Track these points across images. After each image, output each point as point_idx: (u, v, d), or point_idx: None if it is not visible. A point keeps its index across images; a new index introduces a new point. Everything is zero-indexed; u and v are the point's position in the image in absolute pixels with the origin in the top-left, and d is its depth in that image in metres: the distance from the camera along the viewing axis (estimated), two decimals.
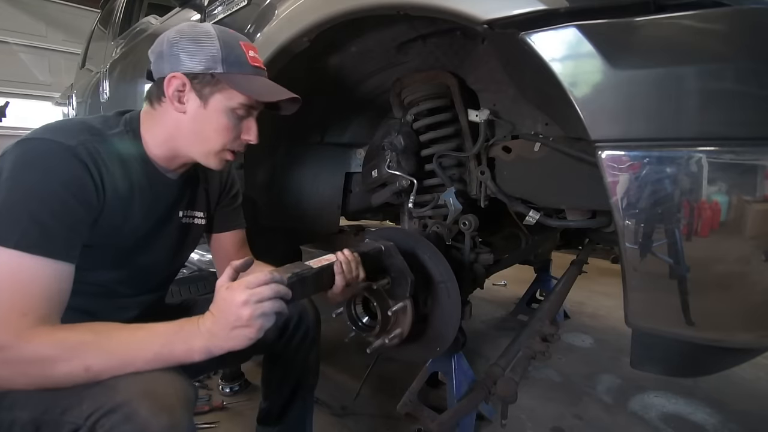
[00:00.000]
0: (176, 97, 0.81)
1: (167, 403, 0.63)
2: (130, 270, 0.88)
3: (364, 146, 1.71)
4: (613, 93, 0.63)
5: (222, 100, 0.82)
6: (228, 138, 0.85)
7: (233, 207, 1.12)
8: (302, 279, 0.78)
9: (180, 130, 0.84)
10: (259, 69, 0.86)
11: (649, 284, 0.69)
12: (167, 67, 0.81)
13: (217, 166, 0.88)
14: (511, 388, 1.03)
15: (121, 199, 0.80)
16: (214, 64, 0.80)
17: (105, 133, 0.80)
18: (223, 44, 0.80)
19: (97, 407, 0.62)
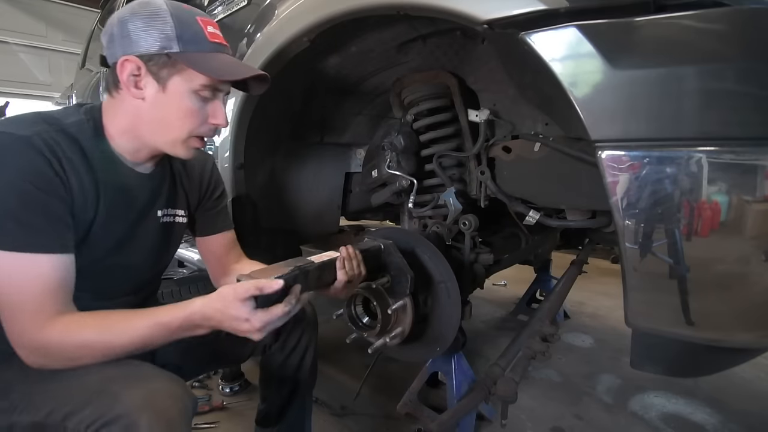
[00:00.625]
0: (132, 83, 0.75)
1: (167, 416, 0.63)
2: (108, 271, 0.84)
3: (364, 146, 1.71)
4: (613, 93, 0.63)
5: (182, 83, 0.76)
6: (194, 123, 0.79)
7: (218, 209, 1.07)
8: (304, 273, 0.78)
9: (141, 119, 0.78)
10: (220, 45, 0.80)
11: (649, 284, 0.69)
12: (119, 51, 0.74)
13: (185, 154, 0.83)
14: (511, 388, 1.03)
15: (87, 193, 0.75)
16: (169, 43, 0.73)
17: (62, 122, 0.75)
18: (178, 21, 0.74)
19: (98, 416, 0.63)
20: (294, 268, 0.76)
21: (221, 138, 1.43)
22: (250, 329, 0.69)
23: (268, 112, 1.35)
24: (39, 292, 0.67)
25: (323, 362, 1.78)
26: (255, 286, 0.68)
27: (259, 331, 0.69)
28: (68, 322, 0.68)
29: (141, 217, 0.87)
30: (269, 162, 1.48)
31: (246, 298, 0.68)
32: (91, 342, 0.68)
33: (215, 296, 0.70)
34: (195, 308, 0.70)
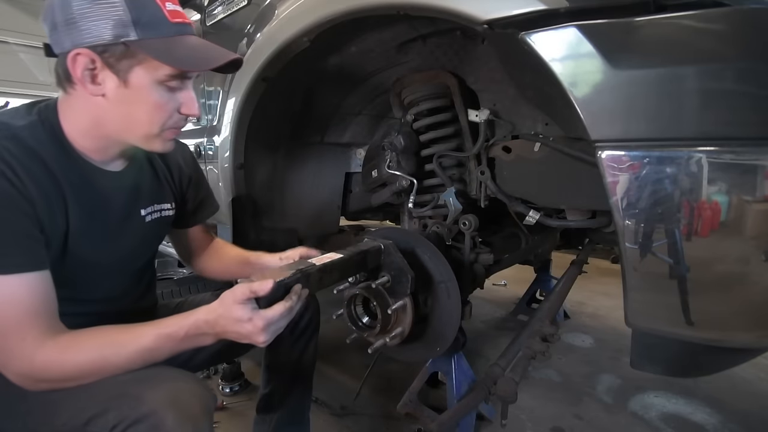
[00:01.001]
0: (88, 78, 0.67)
1: (191, 412, 0.64)
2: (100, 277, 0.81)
3: (364, 146, 1.71)
4: (613, 93, 0.63)
5: (145, 74, 0.68)
6: (164, 116, 0.73)
7: (201, 198, 1.05)
8: (306, 276, 0.78)
9: (104, 116, 0.71)
10: (183, 25, 0.71)
11: (649, 284, 0.69)
12: (67, 40, 0.65)
13: (161, 148, 0.76)
14: (511, 388, 1.03)
15: (52, 202, 0.69)
16: (125, 30, 0.64)
17: (12, 126, 0.68)
18: (130, 2, 0.65)
19: (122, 417, 0.62)
20: (296, 271, 0.77)
21: (221, 138, 1.43)
22: (253, 330, 0.68)
23: (268, 112, 1.35)
24: (20, 315, 0.63)
25: (323, 362, 1.79)
26: (249, 288, 0.68)
27: (263, 332, 0.69)
28: (63, 343, 0.66)
29: (122, 218, 0.82)
30: (269, 162, 1.48)
31: (245, 300, 0.68)
32: (92, 361, 0.66)
33: (216, 303, 0.70)
34: (199, 316, 0.70)
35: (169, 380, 0.67)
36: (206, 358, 0.99)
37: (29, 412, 0.69)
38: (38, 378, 0.66)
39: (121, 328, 0.70)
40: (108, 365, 0.67)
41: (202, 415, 0.66)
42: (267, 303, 0.70)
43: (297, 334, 1.10)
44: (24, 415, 0.69)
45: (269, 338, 0.71)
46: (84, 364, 0.66)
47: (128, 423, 0.62)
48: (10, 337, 0.63)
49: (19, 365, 0.65)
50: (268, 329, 0.69)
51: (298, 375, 1.14)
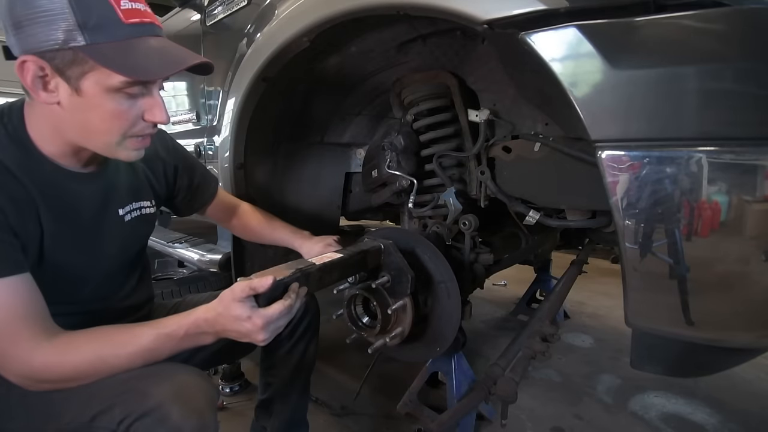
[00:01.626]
0: (39, 86, 0.63)
1: (196, 405, 0.65)
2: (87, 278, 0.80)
3: (364, 146, 1.71)
4: (613, 93, 0.63)
5: (97, 83, 0.63)
6: (124, 125, 0.68)
7: (196, 184, 1.04)
8: (306, 275, 0.78)
9: (62, 124, 0.67)
10: (140, 26, 0.64)
11: (649, 284, 0.69)
12: (17, 47, 0.61)
13: (126, 157, 0.72)
14: (511, 388, 1.03)
15: (21, 207, 0.67)
16: (71, 35, 0.59)
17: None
18: (77, 2, 0.59)
19: (129, 412, 0.63)
20: (295, 270, 0.77)
21: (221, 138, 1.43)
22: (252, 328, 0.68)
23: (268, 112, 1.35)
24: (7, 320, 0.63)
25: (323, 362, 1.79)
26: (249, 285, 0.68)
27: (263, 330, 0.69)
28: (61, 344, 0.66)
29: (98, 219, 0.80)
30: (269, 162, 1.48)
31: (244, 298, 0.68)
32: (91, 361, 0.66)
33: (215, 301, 0.70)
34: (198, 315, 0.70)
35: (172, 375, 0.68)
36: (205, 358, 0.99)
37: (31, 411, 0.69)
38: (38, 379, 0.66)
39: (120, 328, 0.70)
40: (107, 366, 0.67)
41: (207, 407, 0.67)
42: (266, 301, 0.70)
43: (296, 337, 1.10)
44: (26, 415, 0.70)
45: (269, 337, 0.71)
46: (83, 365, 0.66)
47: (134, 417, 0.63)
48: (2, 340, 0.63)
49: (18, 368, 0.65)
50: (267, 328, 0.69)
51: (296, 378, 1.14)
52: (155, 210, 0.94)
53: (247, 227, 1.19)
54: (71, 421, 0.67)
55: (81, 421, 0.66)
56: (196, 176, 1.06)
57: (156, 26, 0.68)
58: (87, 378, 0.67)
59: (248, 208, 1.21)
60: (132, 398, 0.64)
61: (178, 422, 0.62)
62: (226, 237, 1.56)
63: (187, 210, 1.09)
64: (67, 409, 0.67)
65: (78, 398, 0.67)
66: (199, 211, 1.12)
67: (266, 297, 0.70)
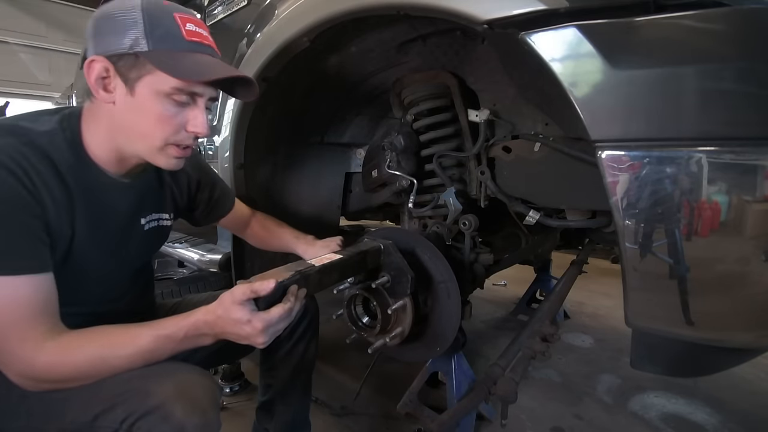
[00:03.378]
0: (100, 85, 0.70)
1: (199, 403, 0.65)
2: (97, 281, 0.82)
3: (364, 146, 1.71)
4: (613, 93, 0.63)
5: (151, 85, 0.69)
6: (167, 130, 0.73)
7: (215, 197, 1.09)
8: (305, 277, 0.78)
9: (115, 125, 0.73)
10: (199, 44, 0.72)
11: (649, 284, 0.69)
12: (90, 50, 0.70)
13: (165, 164, 0.77)
14: (511, 388, 1.03)
15: (63, 208, 0.71)
16: (138, 42, 0.67)
17: (32, 131, 0.70)
18: (149, 16, 0.68)
19: (132, 411, 0.64)
20: (295, 272, 0.77)
21: (221, 138, 1.43)
22: (252, 331, 0.68)
23: (268, 112, 1.35)
24: (21, 317, 0.64)
25: (323, 362, 1.79)
26: (250, 288, 0.68)
27: (262, 333, 0.69)
28: (63, 344, 0.66)
29: (125, 226, 0.84)
30: (269, 162, 1.48)
31: (244, 301, 0.68)
32: (91, 361, 0.66)
33: (215, 303, 0.70)
34: (198, 316, 0.70)
35: (174, 373, 0.68)
36: (205, 358, 1.00)
37: (32, 411, 0.69)
38: (39, 378, 0.66)
39: (121, 329, 0.70)
40: (107, 366, 0.67)
41: (209, 405, 0.67)
42: (266, 304, 0.70)
43: (296, 337, 1.10)
44: (27, 415, 0.70)
45: (268, 340, 0.71)
46: (84, 365, 0.66)
47: (137, 416, 0.63)
48: (11, 337, 0.64)
49: (20, 366, 0.65)
50: (267, 331, 0.70)
51: (297, 379, 1.14)
52: (172, 223, 0.98)
53: (256, 236, 1.22)
54: (73, 421, 0.67)
55: (83, 420, 0.66)
56: (216, 191, 1.10)
57: (213, 49, 0.75)
58: (87, 378, 0.67)
59: (260, 217, 1.23)
60: (134, 397, 0.64)
61: (181, 420, 0.62)
62: (226, 237, 1.56)
63: (204, 221, 1.12)
64: (69, 409, 0.67)
65: (79, 398, 0.67)
66: (213, 222, 1.16)
67: (266, 300, 0.70)
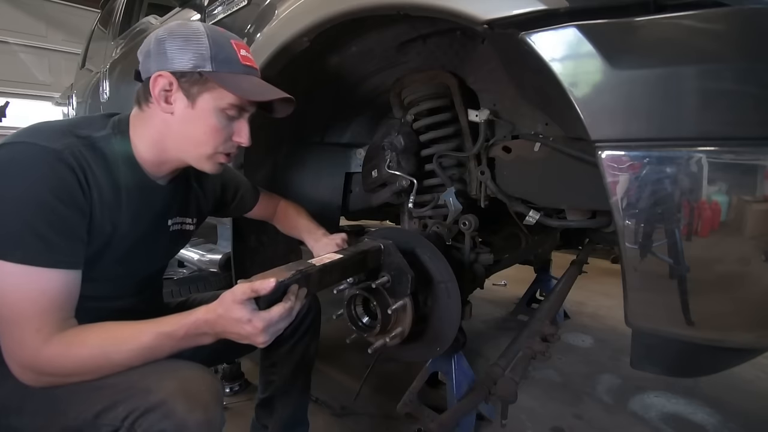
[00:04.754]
0: (163, 97, 0.78)
1: (201, 399, 0.66)
2: (116, 279, 0.85)
3: (364, 146, 1.71)
4: (613, 93, 0.63)
5: (210, 100, 0.79)
6: (218, 140, 0.82)
7: (240, 194, 1.16)
8: (306, 276, 0.78)
9: (168, 132, 0.81)
10: (251, 68, 0.83)
11: (649, 284, 0.69)
12: (154, 66, 0.77)
13: (211, 169, 0.85)
14: (511, 388, 1.03)
15: (108, 206, 0.77)
16: (203, 63, 0.76)
17: (92, 136, 0.76)
18: (213, 42, 0.77)
19: (133, 408, 0.64)
20: (296, 272, 0.77)
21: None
22: (253, 331, 0.68)
23: None
24: (44, 308, 0.66)
25: (323, 362, 1.79)
26: (250, 287, 0.68)
27: (263, 333, 0.69)
28: (68, 337, 0.67)
29: (152, 226, 0.88)
30: (269, 162, 1.48)
31: (244, 300, 0.68)
32: (93, 357, 0.67)
33: (216, 302, 0.70)
34: (198, 315, 0.71)
35: (175, 370, 0.69)
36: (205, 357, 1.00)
37: (36, 409, 0.70)
38: (41, 371, 0.67)
39: (123, 325, 0.71)
40: (108, 362, 0.68)
41: (211, 401, 0.68)
42: (266, 303, 0.70)
43: (298, 335, 1.10)
44: (31, 412, 0.70)
45: (269, 339, 0.71)
46: (86, 360, 0.67)
47: (139, 413, 0.64)
48: (27, 326, 0.65)
49: (25, 356, 0.66)
50: (267, 330, 0.70)
51: (298, 376, 1.14)
52: (194, 228, 1.03)
53: (279, 223, 1.30)
54: (75, 418, 0.67)
55: (85, 418, 0.67)
56: (241, 189, 1.18)
57: (259, 73, 0.86)
58: (87, 373, 0.68)
59: (283, 206, 1.30)
60: (136, 394, 0.65)
61: (184, 416, 0.63)
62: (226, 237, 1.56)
63: (231, 215, 1.22)
64: (71, 407, 0.68)
65: (82, 395, 0.67)
66: (243, 214, 1.24)
67: (267, 299, 0.70)
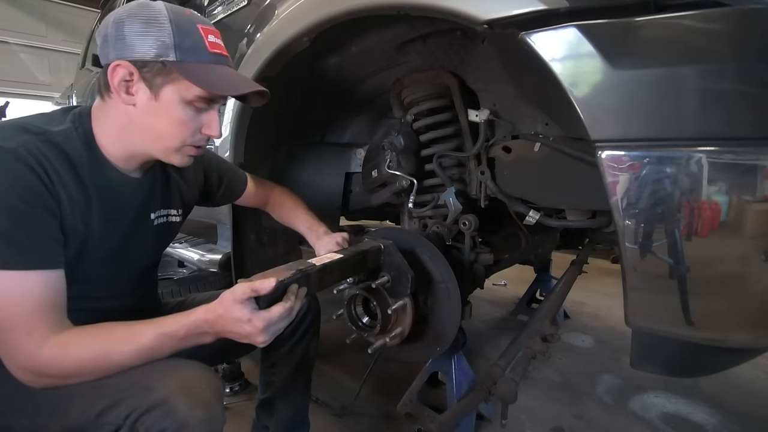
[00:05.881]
0: (123, 88, 0.72)
1: (203, 397, 0.66)
2: (106, 278, 0.83)
3: (364, 146, 1.71)
4: (613, 93, 0.63)
5: (175, 92, 0.73)
6: (186, 133, 0.77)
7: (226, 181, 1.13)
8: (306, 276, 0.78)
9: (132, 125, 0.76)
10: (220, 56, 0.77)
11: (649, 284, 0.69)
12: (113, 53, 0.71)
13: (180, 162, 0.80)
14: (511, 388, 1.03)
15: (78, 204, 0.73)
16: (166, 51, 0.70)
17: (49, 131, 0.72)
18: (177, 28, 0.71)
19: (135, 407, 0.64)
20: (296, 271, 0.77)
21: (221, 138, 1.43)
22: (252, 330, 0.68)
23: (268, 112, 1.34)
24: (32, 310, 0.65)
25: (323, 362, 1.79)
26: (251, 287, 0.68)
27: (263, 332, 0.69)
28: (66, 339, 0.67)
29: (135, 222, 0.85)
30: (269, 161, 1.48)
31: (244, 300, 0.68)
32: (93, 358, 0.67)
33: (216, 302, 0.70)
34: (199, 315, 0.71)
35: (176, 369, 0.69)
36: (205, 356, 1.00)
37: (37, 409, 0.70)
38: (41, 373, 0.66)
39: (123, 326, 0.71)
40: (109, 363, 0.68)
41: (212, 399, 0.68)
42: (266, 303, 0.70)
43: (298, 335, 1.10)
44: (32, 412, 0.70)
45: (269, 339, 0.71)
46: (86, 361, 0.67)
47: (141, 411, 0.64)
48: (18, 330, 0.65)
49: (23, 359, 0.66)
50: (267, 330, 0.70)
51: (298, 376, 1.14)
52: (181, 219, 0.99)
53: (274, 213, 1.27)
54: (77, 417, 0.67)
55: (87, 417, 0.67)
56: (225, 175, 1.14)
57: (230, 60, 0.81)
58: (88, 374, 0.67)
59: (278, 194, 1.26)
60: (138, 393, 0.65)
61: (185, 414, 0.63)
62: (226, 237, 1.56)
63: (221, 203, 1.17)
64: (73, 406, 0.68)
65: (83, 395, 0.67)
66: (231, 202, 1.21)
67: (267, 299, 0.70)
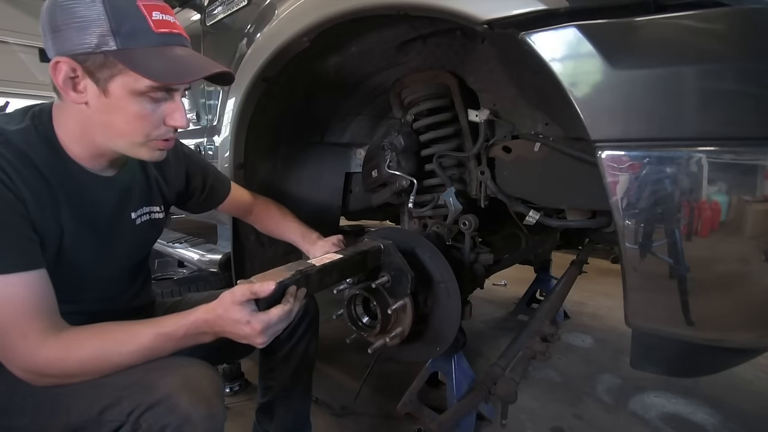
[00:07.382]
0: (70, 86, 0.66)
1: (204, 394, 0.67)
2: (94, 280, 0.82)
3: (364, 146, 1.71)
4: (613, 93, 0.63)
5: (124, 86, 0.66)
6: (147, 127, 0.71)
7: (209, 184, 1.09)
8: (306, 276, 0.78)
9: (90, 124, 0.71)
10: (169, 35, 0.68)
11: (649, 284, 0.69)
12: (52, 48, 0.65)
13: (149, 157, 0.75)
14: (511, 388, 1.03)
15: (45, 202, 0.69)
16: (104, 39, 0.63)
17: (5, 130, 0.68)
18: (112, 9, 0.63)
19: (138, 404, 0.64)
20: (296, 272, 0.77)
21: (221, 138, 1.43)
22: (251, 332, 0.69)
23: (268, 112, 1.35)
24: (19, 313, 0.64)
25: (323, 362, 1.79)
26: (250, 289, 0.68)
27: (262, 334, 0.69)
28: (66, 339, 0.67)
29: (113, 221, 0.83)
30: (269, 162, 1.48)
31: (244, 301, 0.68)
32: (94, 358, 0.67)
33: (215, 302, 0.70)
34: (198, 315, 0.71)
35: (178, 366, 0.69)
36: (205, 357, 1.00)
37: (38, 407, 0.70)
38: (42, 373, 0.67)
39: (122, 326, 0.71)
40: (109, 363, 0.68)
41: (214, 396, 0.68)
42: (266, 305, 0.71)
43: (296, 338, 1.10)
44: (34, 411, 0.70)
45: (268, 340, 0.72)
46: (86, 361, 0.67)
47: (144, 408, 0.64)
48: (11, 334, 0.65)
49: (23, 361, 0.66)
50: (266, 332, 0.70)
51: (298, 380, 1.14)
52: (164, 216, 0.97)
53: (260, 223, 1.24)
54: (79, 416, 0.67)
55: (89, 415, 0.67)
56: (208, 178, 1.10)
57: (183, 37, 0.72)
58: (88, 374, 0.68)
59: (263, 204, 1.24)
60: (140, 390, 0.65)
61: (188, 410, 0.63)
62: (226, 237, 1.56)
63: (202, 208, 1.14)
64: (75, 405, 0.68)
65: (85, 394, 0.68)
66: (213, 208, 1.16)
67: (266, 301, 0.70)
